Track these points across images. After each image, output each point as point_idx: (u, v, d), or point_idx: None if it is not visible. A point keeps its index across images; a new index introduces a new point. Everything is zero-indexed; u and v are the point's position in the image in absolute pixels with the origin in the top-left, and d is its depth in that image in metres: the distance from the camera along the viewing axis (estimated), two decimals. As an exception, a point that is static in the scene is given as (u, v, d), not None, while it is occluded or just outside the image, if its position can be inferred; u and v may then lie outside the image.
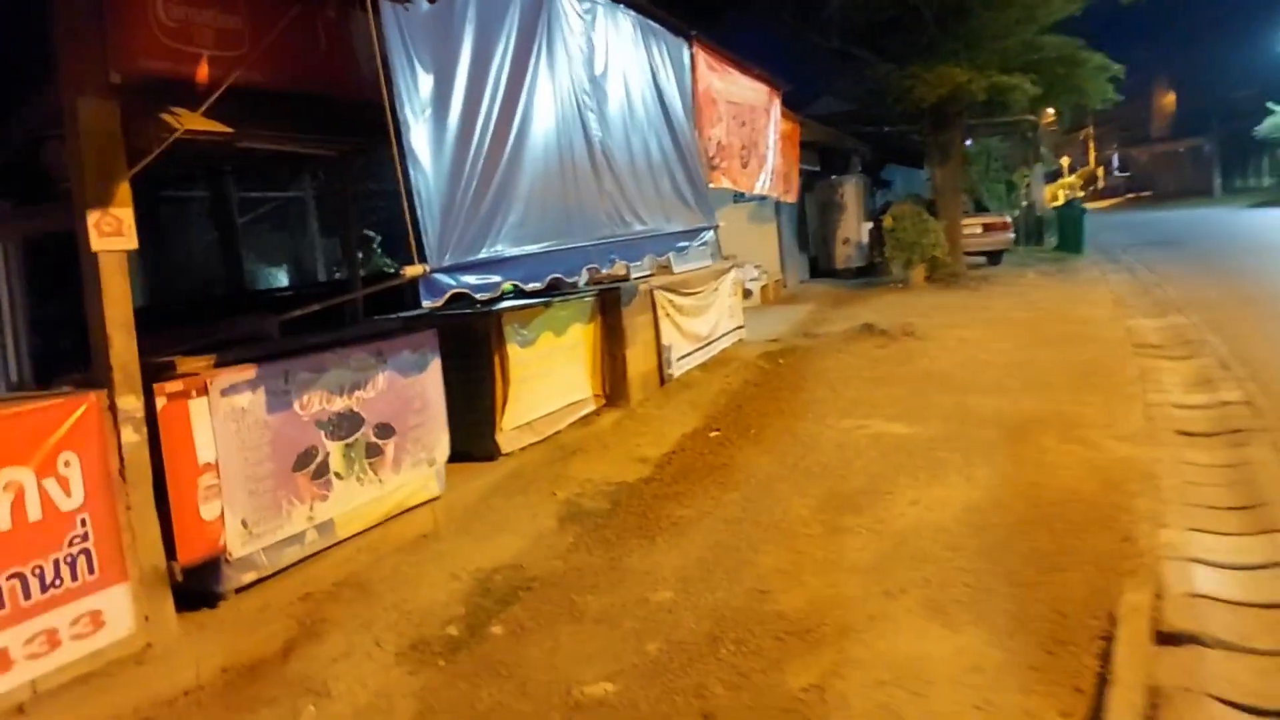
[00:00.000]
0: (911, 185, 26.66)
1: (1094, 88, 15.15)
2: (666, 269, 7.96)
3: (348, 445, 4.18)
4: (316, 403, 4.01)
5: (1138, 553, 3.85)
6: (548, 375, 5.99)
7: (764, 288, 14.33)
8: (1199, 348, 8.24)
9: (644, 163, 6.16)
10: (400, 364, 4.46)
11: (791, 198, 11.78)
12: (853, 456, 5.69)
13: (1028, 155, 24.81)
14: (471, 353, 5.33)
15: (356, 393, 4.21)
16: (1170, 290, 12.66)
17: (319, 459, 4.03)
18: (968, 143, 19.92)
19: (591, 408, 6.65)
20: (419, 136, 3.67)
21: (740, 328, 10.03)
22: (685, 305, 8.12)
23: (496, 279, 4.06)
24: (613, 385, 6.85)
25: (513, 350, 5.53)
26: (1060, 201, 26.68)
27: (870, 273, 18.81)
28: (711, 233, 6.96)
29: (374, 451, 4.33)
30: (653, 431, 6.52)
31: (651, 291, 7.44)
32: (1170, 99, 67.78)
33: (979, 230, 18.21)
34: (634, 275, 7.42)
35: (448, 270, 3.67)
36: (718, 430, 6.55)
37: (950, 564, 3.95)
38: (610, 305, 6.78)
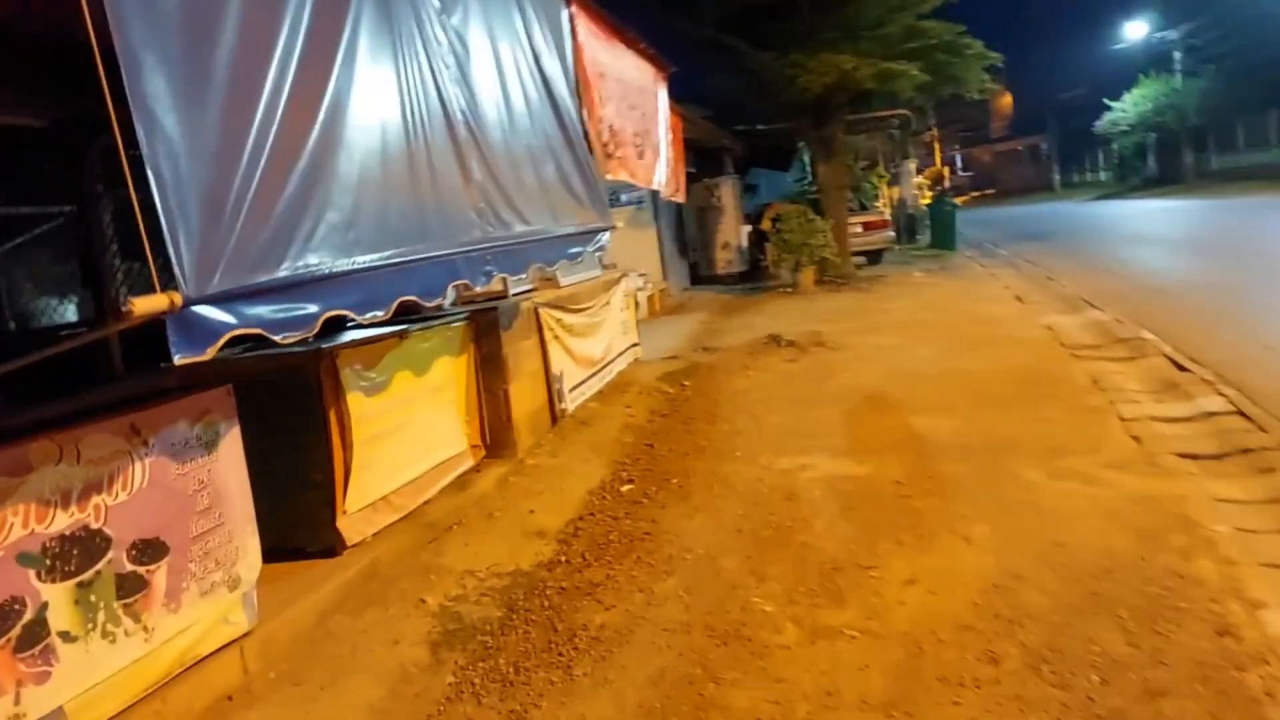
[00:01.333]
0: (776, 189, 26.19)
1: (972, 76, 14.72)
2: (551, 282, 6.58)
3: (82, 586, 2.62)
4: (17, 525, 2.45)
5: (1255, 657, 2.77)
6: (407, 429, 4.52)
7: (650, 298, 13.14)
8: (1139, 346, 7.53)
9: (523, 148, 4.79)
10: (171, 443, 2.91)
11: (681, 197, 10.62)
12: (808, 512, 4.48)
13: (893, 152, 24.72)
14: (294, 410, 3.81)
15: (94, 498, 2.65)
16: (1066, 284, 12.26)
17: (28, 617, 2.46)
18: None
19: (469, 463, 5.19)
20: (160, 87, 2.20)
21: (635, 345, 8.76)
22: (576, 324, 6.77)
23: (312, 309, 2.62)
24: (495, 431, 5.42)
25: (355, 401, 4.03)
26: (926, 199, 26.78)
27: (753, 277, 17.99)
28: (608, 235, 5.63)
29: (131, 586, 2.77)
30: (550, 489, 5.13)
31: (536, 310, 6.05)
32: (1007, 100, 71.54)
33: (859, 229, 17.64)
34: (512, 291, 6.00)
35: (219, 300, 2.21)
36: (631, 482, 5.22)
37: (1000, 691, 2.77)
38: (487, 330, 5.36)
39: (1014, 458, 5.05)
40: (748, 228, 18.27)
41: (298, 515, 3.84)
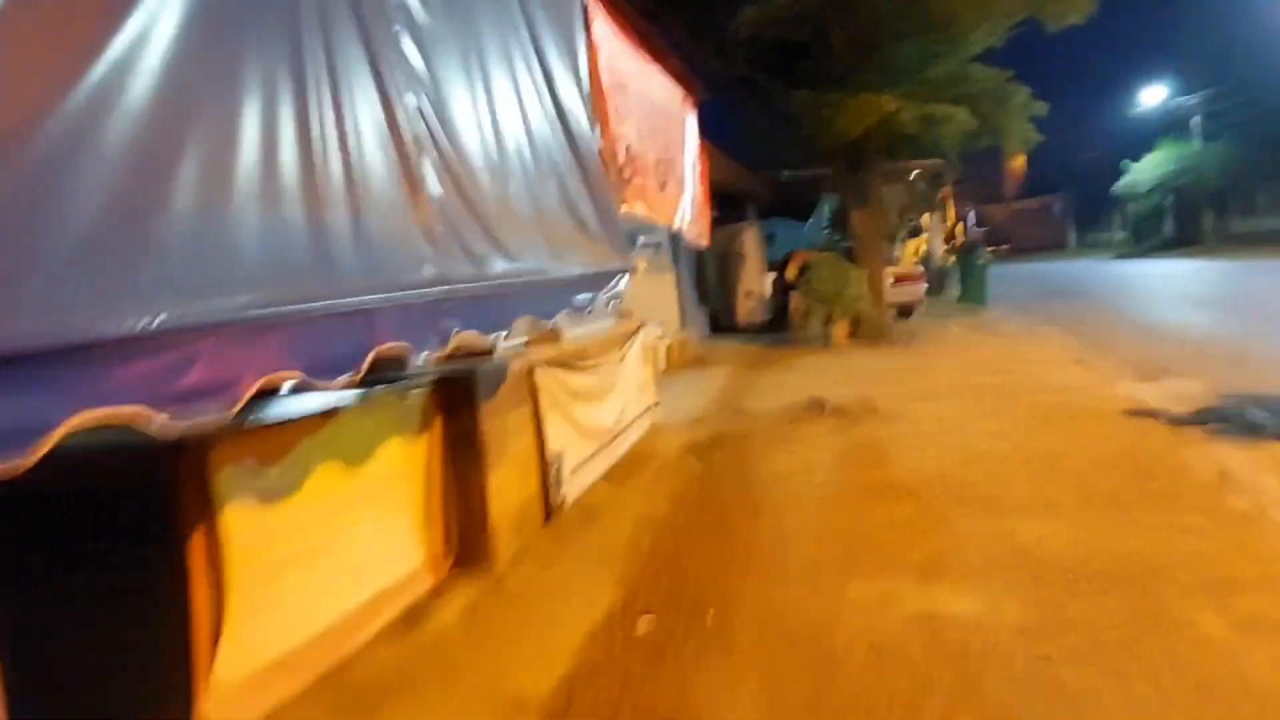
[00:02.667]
0: (794, 239, 25.04)
1: (1015, 128, 13.52)
2: (552, 335, 5.24)
3: None
4: None
5: None
6: (330, 548, 3.13)
7: (669, 349, 11.81)
8: (1251, 425, 6.22)
9: (512, 158, 3.49)
10: None
11: (705, 240, 9.39)
12: (910, 686, 3.06)
13: (919, 204, 23.53)
14: (131, 537, 2.45)
15: None
16: (1125, 347, 10.91)
17: None
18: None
19: (425, 585, 3.78)
20: None
21: (655, 405, 7.38)
22: (583, 387, 5.40)
23: (50, 414, 1.27)
24: (466, 537, 4.03)
25: (240, 517, 2.65)
26: (951, 255, 25.59)
27: (776, 328, 16.67)
28: (626, 279, 4.30)
29: None
30: (536, 625, 3.70)
31: (531, 371, 4.69)
32: (1021, 161, 70.97)
33: (891, 282, 16.34)
34: (500, 346, 4.67)
35: None
36: (649, 613, 3.81)
37: None
38: (460, 401, 4.00)
39: (1170, 592, 3.67)
40: (771, 276, 17.01)
41: (139, 696, 2.45)
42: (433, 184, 2.70)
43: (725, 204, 17.78)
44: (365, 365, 2.16)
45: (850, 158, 13.20)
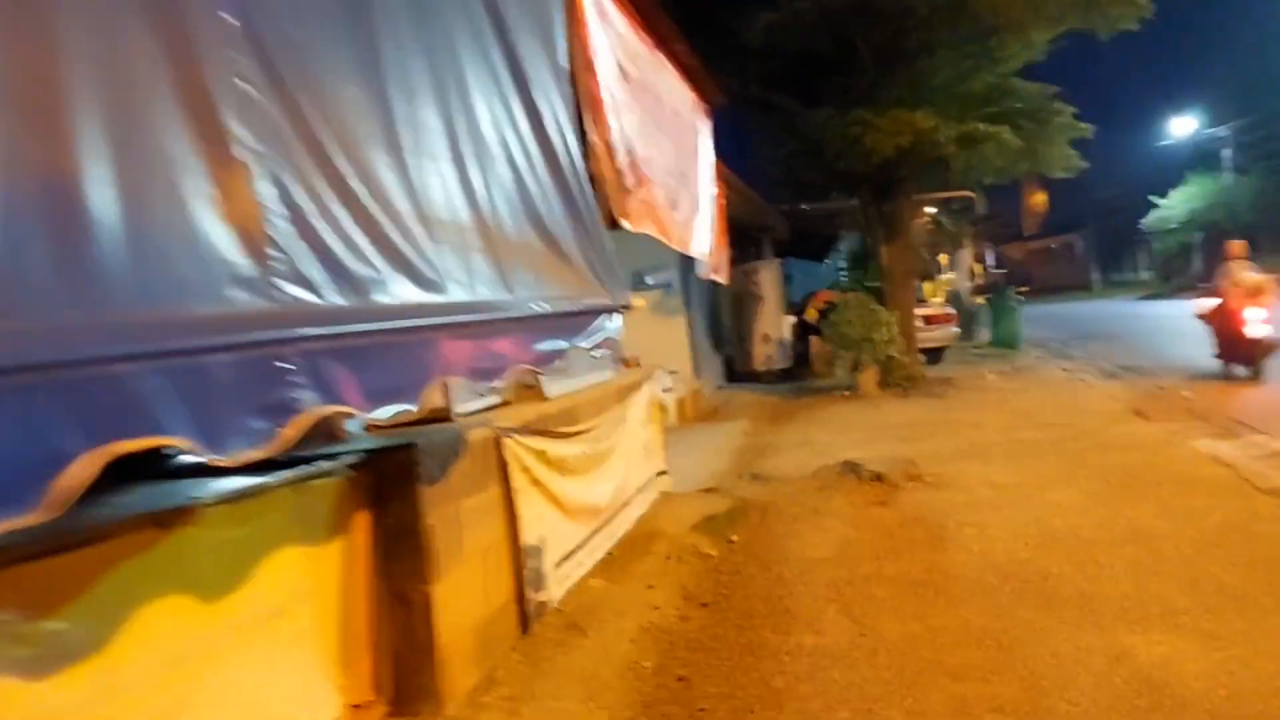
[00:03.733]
0: (811, 280, 24.05)
1: (1056, 152, 12.53)
2: (532, 392, 4.23)
3: None
4: None
5: None
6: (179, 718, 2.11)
7: (680, 401, 10.77)
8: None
9: (438, 135, 2.52)
10: None
11: (723, 277, 8.42)
12: None
13: (946, 239, 22.60)
14: None
15: None
16: (1180, 395, 9.80)
17: None
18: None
19: (338, 748, 2.75)
20: None
21: (662, 474, 6.34)
22: (571, 458, 4.36)
23: None
24: (405, 670, 2.98)
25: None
26: (978, 296, 24.64)
27: (796, 375, 15.60)
28: (619, 320, 3.28)
29: None
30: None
31: (500, 442, 3.67)
32: (1041, 198, 70.31)
33: (920, 324, 15.29)
34: (461, 408, 3.66)
35: None
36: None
37: None
38: (393, 486, 2.99)
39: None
40: (791, 319, 15.97)
41: None
42: (243, 137, 1.68)
43: (740, 239, 16.88)
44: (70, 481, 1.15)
45: (878, 185, 12.22)
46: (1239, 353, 10.54)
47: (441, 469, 3.13)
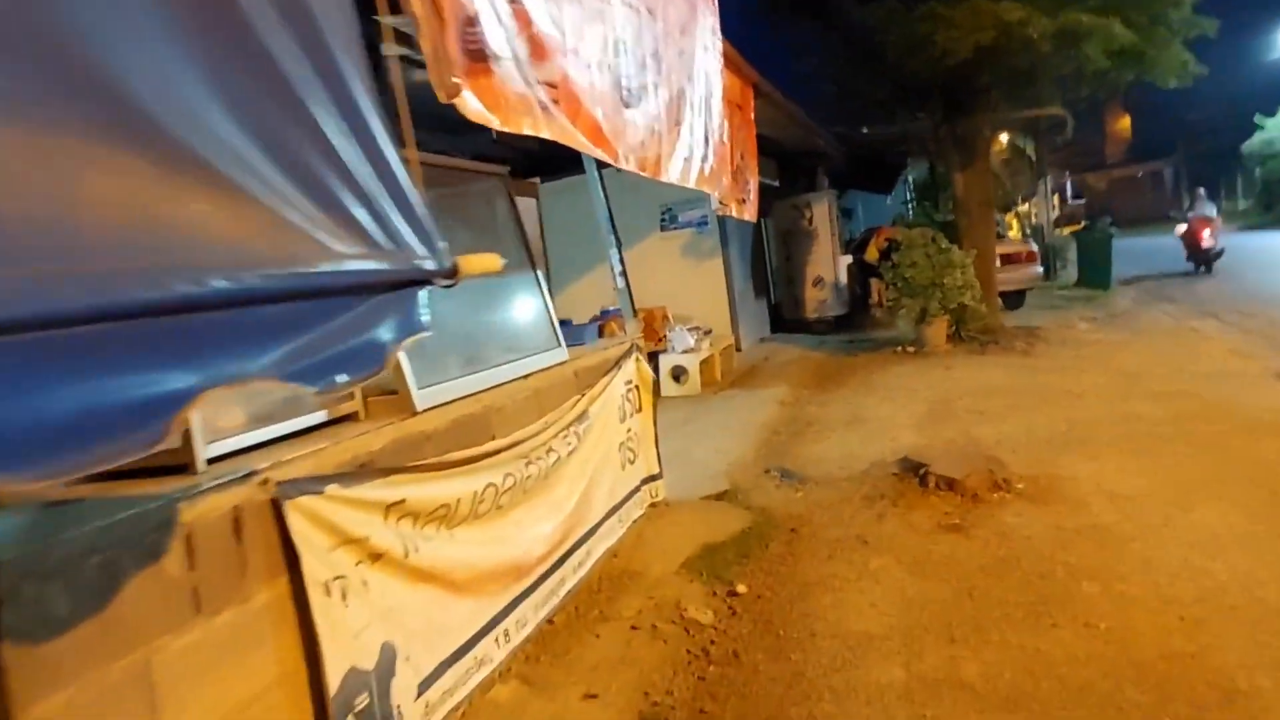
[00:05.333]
0: (873, 215, 21.80)
1: (1169, 57, 10.22)
2: (397, 401, 2.64)
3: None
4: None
5: None
6: None
7: (705, 363, 9.08)
8: None
9: None
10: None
11: (750, 214, 6.67)
12: None
13: (1030, 166, 20.17)
14: None
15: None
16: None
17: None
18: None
19: None
20: None
21: (653, 479, 4.70)
22: (462, 501, 2.74)
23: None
24: None
25: None
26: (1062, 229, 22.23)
27: (853, 324, 13.77)
28: (423, 295, 1.65)
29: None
30: None
31: (279, 506, 2.09)
32: (1125, 123, 65.93)
33: (996, 263, 13.25)
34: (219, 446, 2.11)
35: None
36: None
37: None
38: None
39: None
40: (847, 259, 14.06)
41: None
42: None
43: (789, 168, 14.91)
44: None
45: (951, 98, 10.13)
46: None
47: (84, 599, 1.56)
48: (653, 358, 9.01)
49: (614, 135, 2.80)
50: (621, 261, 8.87)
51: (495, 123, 2.08)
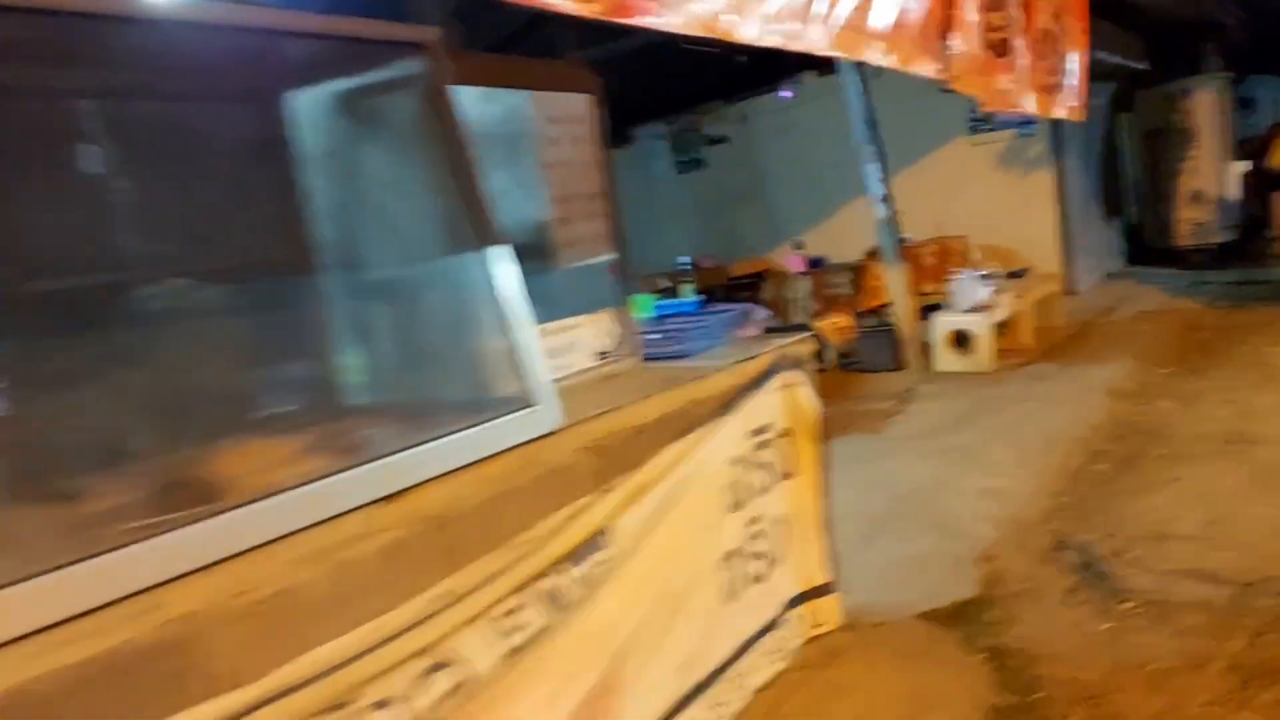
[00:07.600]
0: None
1: None
2: None
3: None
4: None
5: None
6: None
7: (1006, 324, 6.57)
8: None
9: None
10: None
11: (1076, 113, 4.31)
12: None
13: None
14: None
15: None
16: None
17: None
18: None
19: None
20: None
21: (811, 595, 2.71)
22: None
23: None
24: None
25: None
26: None
27: (1243, 256, 10.10)
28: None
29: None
30: None
31: None
32: None
33: None
34: None
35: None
36: None
37: None
38: None
39: None
40: (1242, 167, 10.39)
41: None
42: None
43: (1163, 46, 11.03)
44: None
45: None
46: None
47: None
48: (928, 313, 6.71)
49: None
50: (884, 182, 6.60)
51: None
